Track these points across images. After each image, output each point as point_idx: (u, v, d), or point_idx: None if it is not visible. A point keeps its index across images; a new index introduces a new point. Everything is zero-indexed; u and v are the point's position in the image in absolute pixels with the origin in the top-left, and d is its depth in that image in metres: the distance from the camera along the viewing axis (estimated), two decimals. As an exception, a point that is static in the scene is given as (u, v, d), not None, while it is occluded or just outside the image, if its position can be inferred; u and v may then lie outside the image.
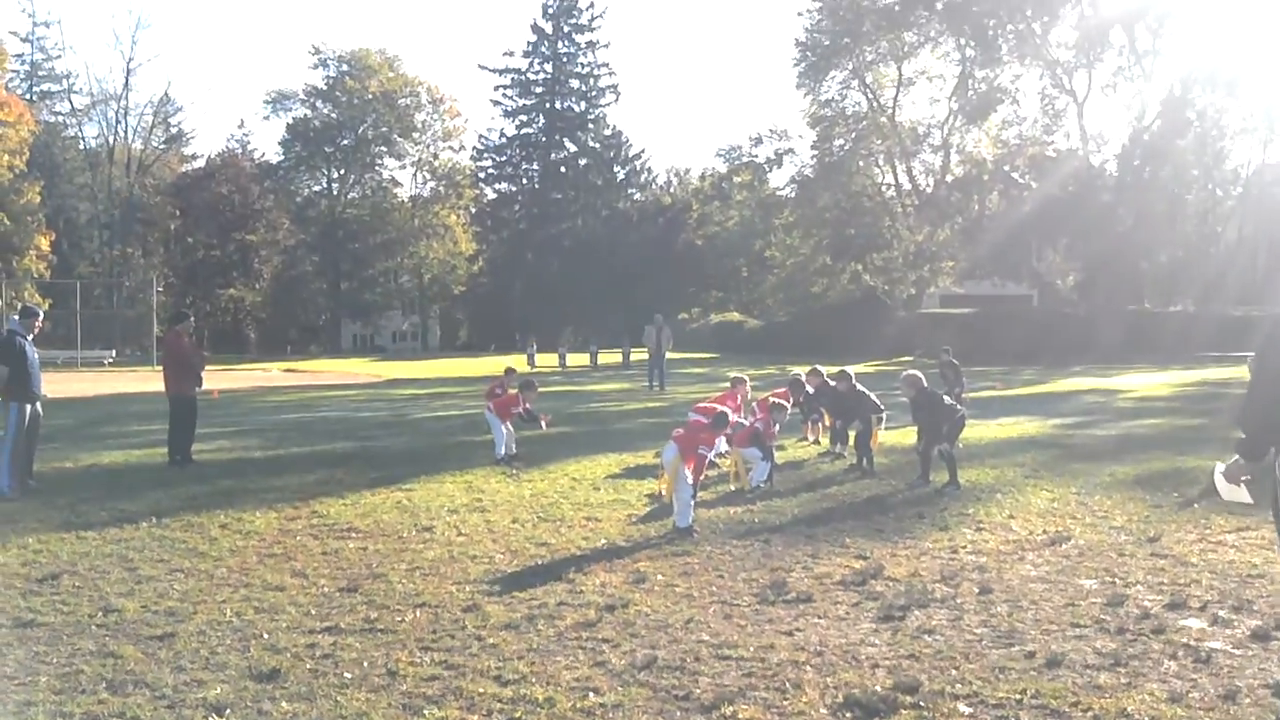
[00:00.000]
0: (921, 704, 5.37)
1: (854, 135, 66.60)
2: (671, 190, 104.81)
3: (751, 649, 6.30)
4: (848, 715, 5.25)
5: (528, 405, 14.97)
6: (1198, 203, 57.34)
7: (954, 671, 5.89)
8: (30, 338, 12.44)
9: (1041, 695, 5.50)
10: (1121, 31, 57.57)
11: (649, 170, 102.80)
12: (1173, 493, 11.57)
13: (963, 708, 5.34)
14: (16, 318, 12.94)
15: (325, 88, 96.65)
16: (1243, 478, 6.03)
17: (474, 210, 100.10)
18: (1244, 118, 58.05)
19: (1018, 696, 5.49)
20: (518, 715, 5.25)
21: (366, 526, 10.21)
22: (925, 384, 12.98)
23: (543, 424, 15.23)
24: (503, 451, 14.58)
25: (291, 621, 6.94)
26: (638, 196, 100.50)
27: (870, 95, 66.70)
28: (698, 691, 5.57)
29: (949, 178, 65.09)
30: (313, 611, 7.18)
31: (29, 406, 12.22)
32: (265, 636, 6.58)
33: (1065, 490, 11.85)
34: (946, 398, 13.50)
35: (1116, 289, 53.39)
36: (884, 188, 69.80)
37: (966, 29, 59.42)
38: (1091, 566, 8.41)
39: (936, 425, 12.36)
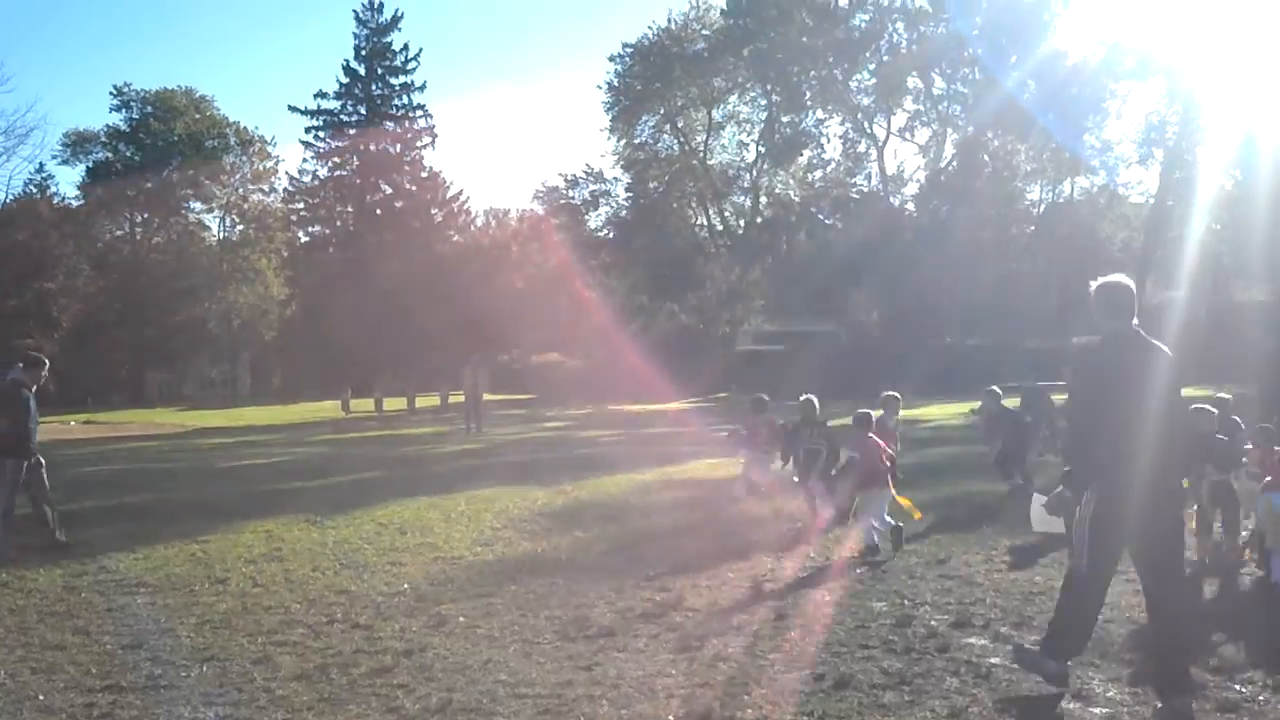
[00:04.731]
0: (711, 731, 5.46)
1: (667, 178, 67.82)
2: (490, 231, 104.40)
3: (549, 686, 6.30)
4: (638, 746, 5.29)
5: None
6: (994, 241, 60.12)
7: (745, 697, 6.01)
8: (35, 389, 11.83)
9: (827, 716, 5.65)
10: (917, 78, 60.33)
11: (467, 212, 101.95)
12: (964, 517, 12.05)
13: (750, 732, 5.45)
14: (21, 366, 12.04)
15: (128, 130, 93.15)
16: (1063, 511, 6.40)
17: (286, 254, 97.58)
18: (1033, 159, 61.36)
19: (805, 718, 5.63)
20: (302, 766, 5.11)
21: (157, 580, 9.78)
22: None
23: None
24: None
25: (70, 681, 6.61)
26: (456, 238, 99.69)
27: (682, 139, 68.05)
28: (490, 731, 5.53)
29: (758, 219, 66.79)
30: (93, 670, 6.85)
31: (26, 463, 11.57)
32: (40, 698, 6.26)
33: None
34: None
35: (919, 325, 55.44)
36: (697, 228, 71.15)
37: (772, 75, 61.30)
38: (882, 589, 8.71)
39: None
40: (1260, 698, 5.82)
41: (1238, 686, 5.99)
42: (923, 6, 59.69)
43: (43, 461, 11.89)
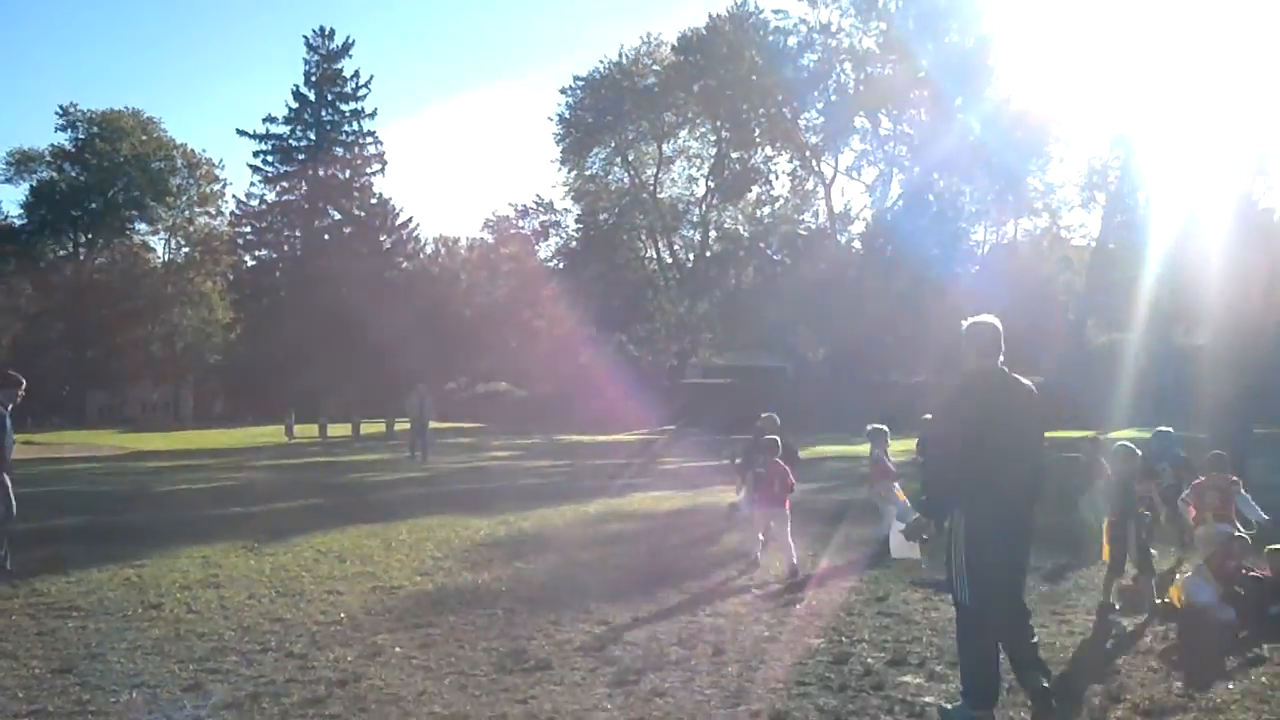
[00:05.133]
0: (644, 765, 5.45)
1: (617, 210, 68.10)
2: (440, 259, 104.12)
3: (483, 719, 6.26)
4: (571, 779, 5.28)
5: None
6: (938, 280, 60.79)
7: (680, 732, 6.01)
8: (10, 408, 11.61)
9: (761, 752, 5.67)
10: (864, 118, 61.15)
11: (417, 239, 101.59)
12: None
13: (684, 766, 5.44)
14: None
15: (73, 150, 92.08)
16: (922, 537, 6.66)
17: (232, 277, 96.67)
18: (978, 200, 62.27)
19: (739, 754, 5.64)
20: (230, 797, 5.05)
21: (89, 604, 9.63)
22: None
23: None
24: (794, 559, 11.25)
25: (-6, 707, 6.49)
26: (405, 265, 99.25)
27: (632, 172, 68.39)
28: (423, 763, 5.49)
29: (707, 253, 67.21)
30: (20, 695, 6.74)
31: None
32: (-38, 725, 6.14)
33: (803, 553, 12.26)
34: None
35: (864, 362, 55.99)
36: (646, 261, 71.42)
37: (722, 111, 61.94)
38: (821, 626, 8.73)
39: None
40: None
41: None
42: (870, 49, 60.58)
43: (9, 484, 11.70)
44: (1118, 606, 9.22)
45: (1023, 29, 59.45)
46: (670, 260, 70.36)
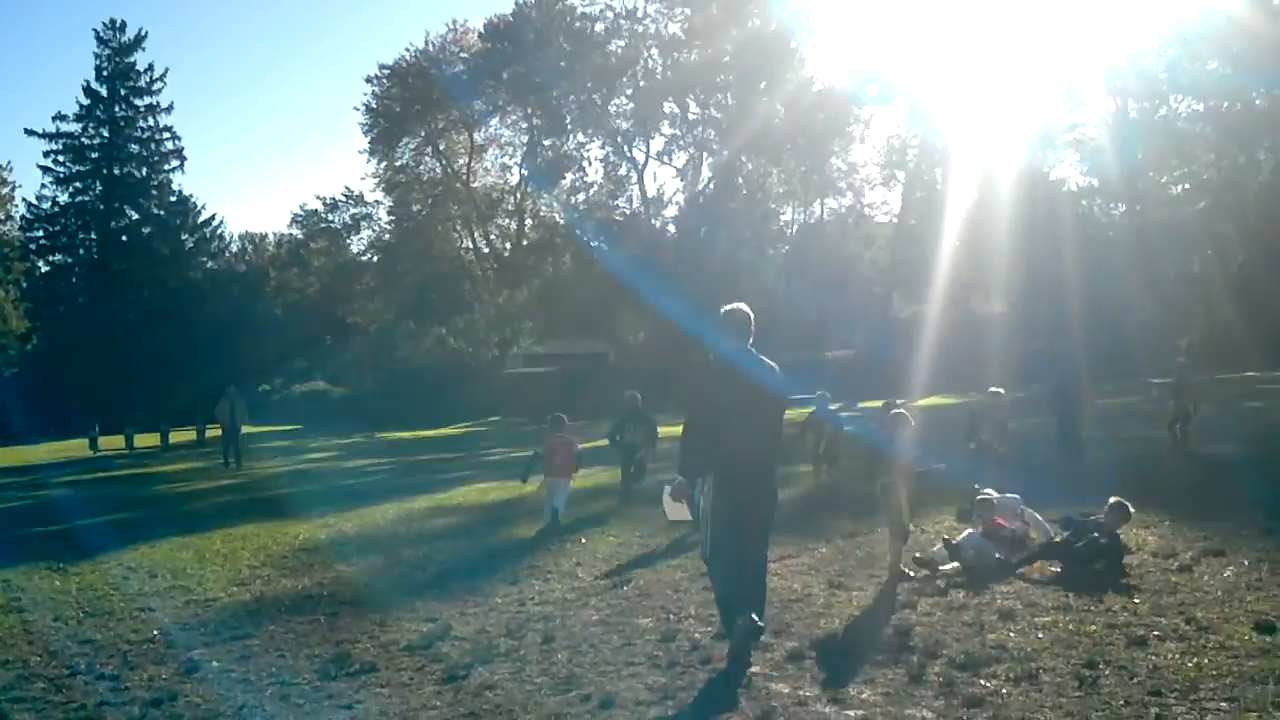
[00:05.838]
0: (475, 760, 5.41)
1: (430, 200, 67.11)
2: (247, 257, 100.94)
3: (307, 729, 6.12)
4: (401, 782, 5.20)
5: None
6: (751, 261, 62.00)
7: (510, 724, 5.98)
8: None
9: (592, 736, 5.68)
10: (673, 103, 61.83)
11: (222, 237, 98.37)
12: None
13: (514, 758, 5.42)
14: None
15: None
16: (684, 498, 7.67)
17: (25, 285, 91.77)
18: (785, 181, 63.70)
19: (569, 740, 5.65)
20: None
21: (-125, 643, 9.02)
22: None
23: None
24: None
25: None
26: (210, 265, 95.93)
27: (444, 161, 67.50)
28: (244, 780, 5.32)
29: (524, 241, 66.98)
30: None
31: None
32: None
33: (630, 535, 12.38)
34: None
35: (680, 342, 56.67)
36: (463, 252, 70.69)
37: (532, 98, 61.71)
38: (649, 605, 8.83)
39: None
40: (1003, 690, 6.14)
41: (982, 681, 6.30)
42: (676, 34, 61.25)
43: None
44: (922, 568, 9.53)
45: (822, 12, 60.85)
46: (487, 250, 69.83)
